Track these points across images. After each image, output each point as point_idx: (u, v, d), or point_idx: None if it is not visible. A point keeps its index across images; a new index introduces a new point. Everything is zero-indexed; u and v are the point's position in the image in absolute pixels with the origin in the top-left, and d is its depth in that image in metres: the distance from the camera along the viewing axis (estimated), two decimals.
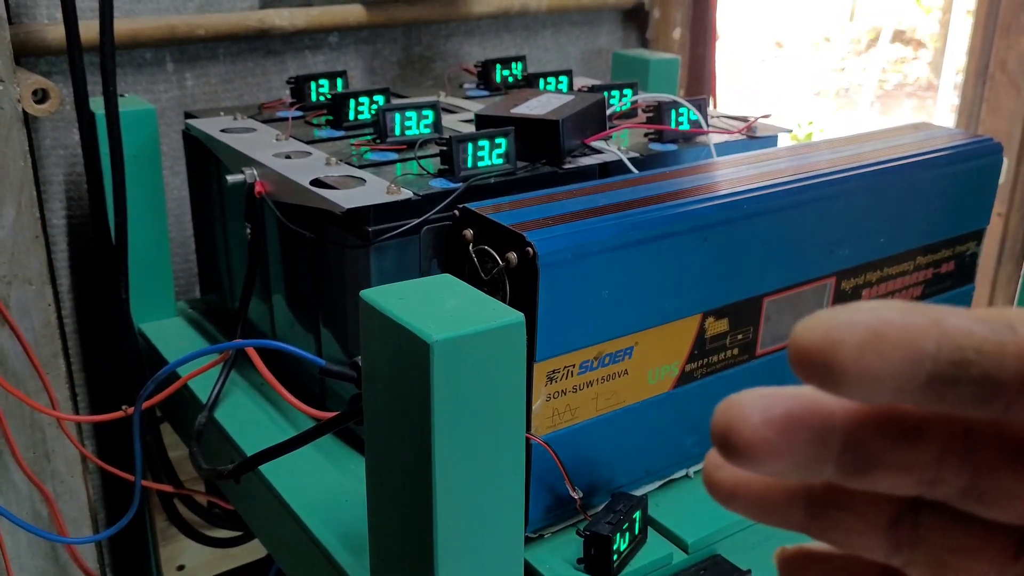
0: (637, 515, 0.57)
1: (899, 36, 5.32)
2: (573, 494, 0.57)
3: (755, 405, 0.19)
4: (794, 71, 4.88)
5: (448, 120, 0.83)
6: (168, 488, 0.85)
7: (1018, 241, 1.70)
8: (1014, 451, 0.19)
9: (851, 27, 5.38)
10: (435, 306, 0.45)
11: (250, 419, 0.73)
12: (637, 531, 0.58)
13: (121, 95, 0.81)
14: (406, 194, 0.63)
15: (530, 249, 0.52)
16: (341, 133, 0.80)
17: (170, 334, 0.88)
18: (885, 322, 0.18)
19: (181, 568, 1.02)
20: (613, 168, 0.72)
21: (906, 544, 0.21)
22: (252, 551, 1.04)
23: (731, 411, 0.19)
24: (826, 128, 3.87)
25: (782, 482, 0.22)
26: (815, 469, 0.20)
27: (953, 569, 0.21)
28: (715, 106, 1.24)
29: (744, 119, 0.84)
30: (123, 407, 0.76)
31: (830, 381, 0.18)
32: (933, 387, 0.18)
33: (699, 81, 1.30)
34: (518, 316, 0.45)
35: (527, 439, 0.53)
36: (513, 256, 0.53)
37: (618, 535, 0.55)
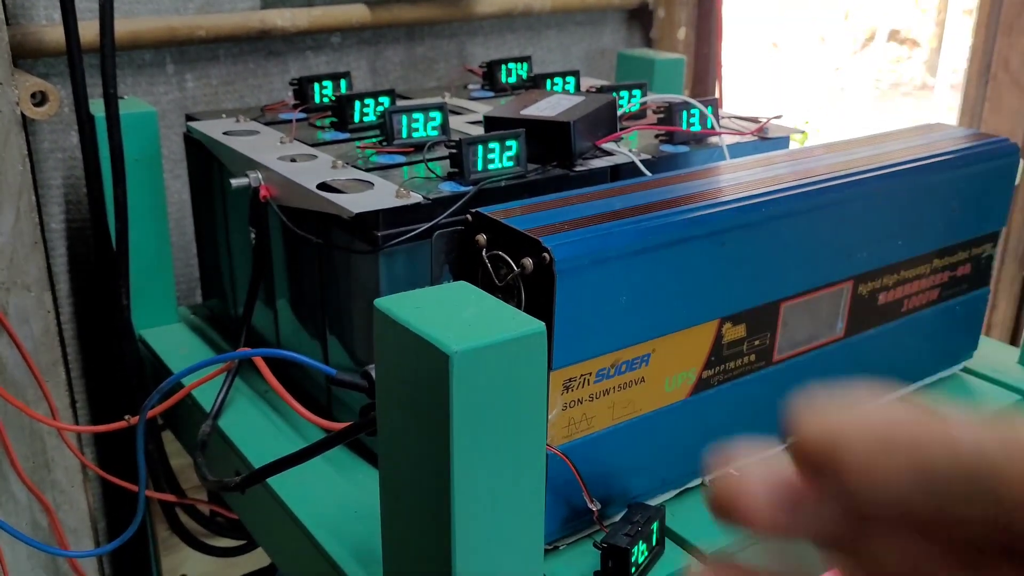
0: (655, 526, 0.56)
1: (894, 36, 5.32)
2: (591, 506, 0.56)
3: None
4: (790, 71, 4.88)
5: (454, 122, 0.81)
6: (171, 498, 0.83)
7: (1021, 242, 1.69)
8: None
9: (846, 27, 5.38)
10: (453, 315, 0.44)
11: (255, 428, 0.72)
12: (655, 542, 0.56)
13: (121, 97, 0.79)
14: (416, 198, 0.61)
15: (547, 255, 0.51)
16: (346, 135, 0.79)
17: (172, 341, 0.87)
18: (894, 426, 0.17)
19: None
20: (625, 170, 0.70)
21: None
22: (255, 560, 1.03)
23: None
24: (823, 128, 3.87)
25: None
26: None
27: None
28: (721, 106, 1.23)
29: (755, 120, 0.82)
30: (126, 417, 0.75)
31: (834, 483, 0.17)
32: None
33: (703, 81, 1.28)
34: (539, 325, 0.43)
35: None
36: (529, 262, 0.52)
37: (636, 547, 0.54)
